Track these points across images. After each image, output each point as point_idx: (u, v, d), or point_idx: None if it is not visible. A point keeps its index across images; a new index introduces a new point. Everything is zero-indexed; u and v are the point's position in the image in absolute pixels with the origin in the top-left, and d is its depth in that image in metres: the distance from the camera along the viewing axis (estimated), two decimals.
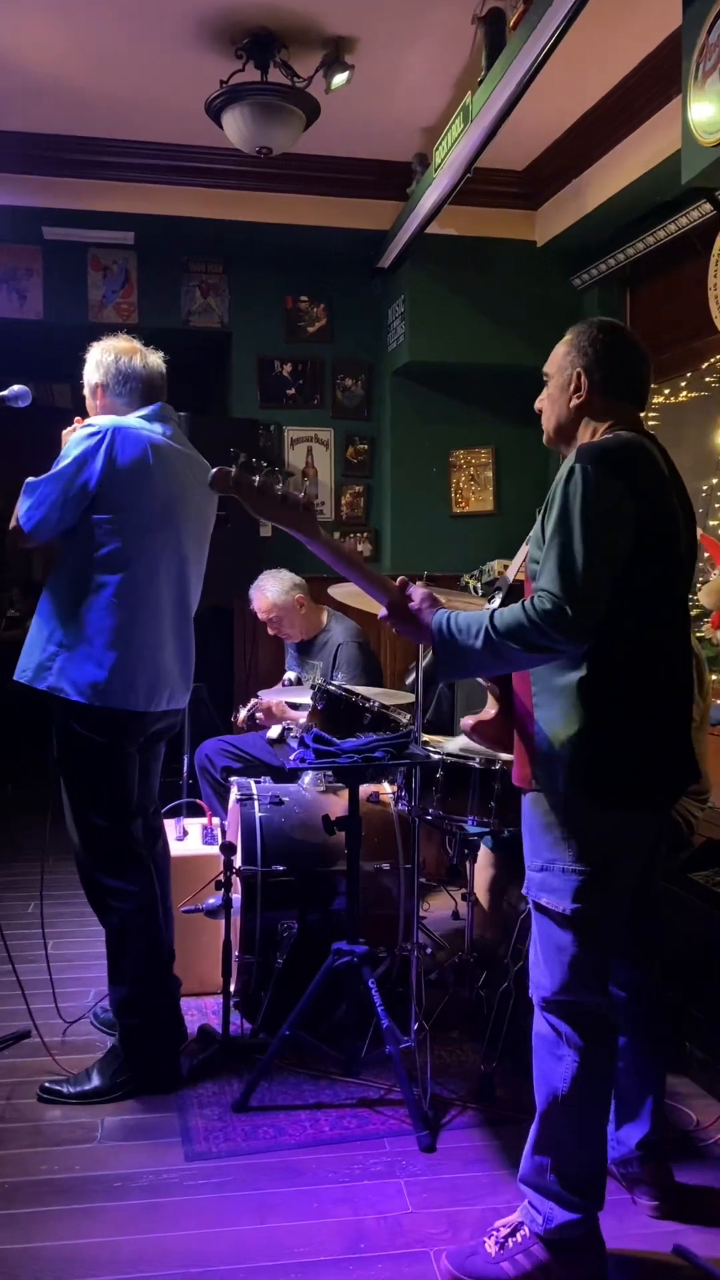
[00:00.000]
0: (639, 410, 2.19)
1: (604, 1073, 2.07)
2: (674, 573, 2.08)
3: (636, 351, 2.19)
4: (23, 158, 4.78)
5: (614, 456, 1.97)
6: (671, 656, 2.09)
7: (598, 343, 2.15)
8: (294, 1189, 2.38)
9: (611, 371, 2.14)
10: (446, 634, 2.00)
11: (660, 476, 2.06)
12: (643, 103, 4.10)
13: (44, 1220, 2.27)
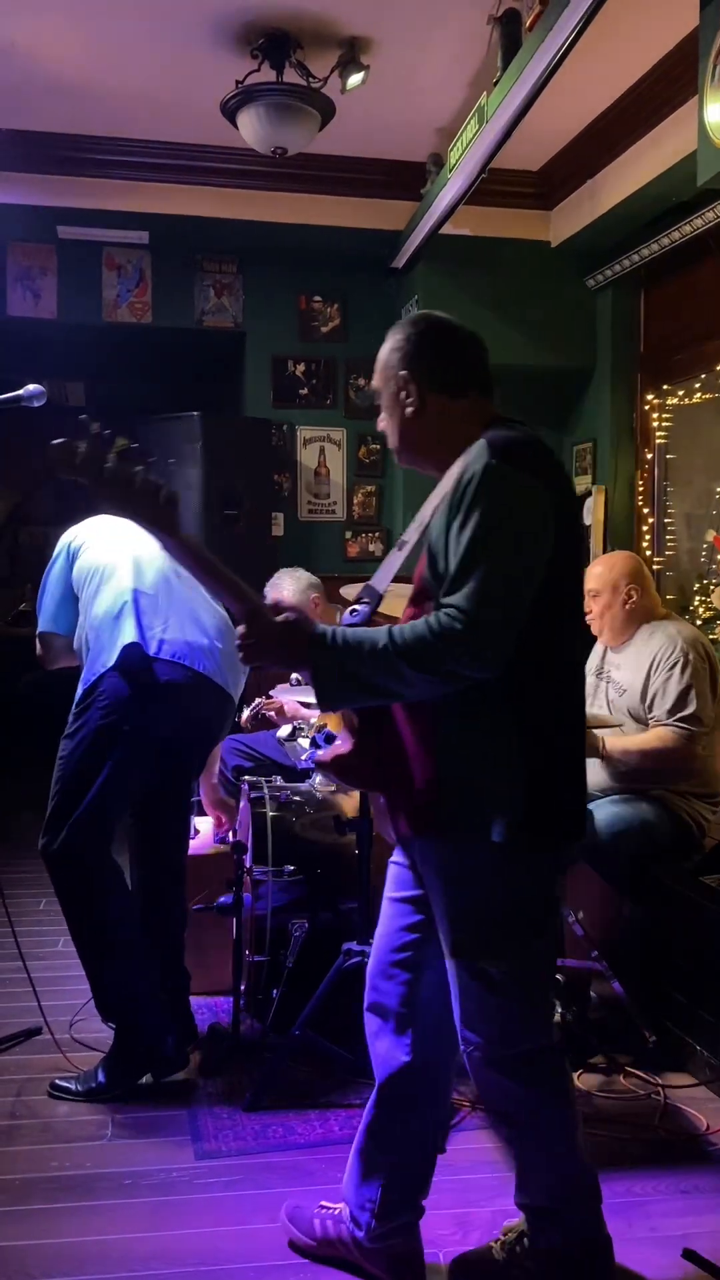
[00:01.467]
0: (489, 399, 1.97)
1: (561, 1100, 1.95)
2: (578, 579, 1.95)
3: (465, 336, 1.97)
4: (38, 157, 4.79)
5: (526, 450, 1.79)
6: (579, 672, 1.96)
7: (419, 342, 1.94)
8: (305, 1188, 2.38)
9: (442, 366, 1.92)
10: (331, 651, 1.71)
11: (565, 472, 1.92)
12: (659, 104, 4.09)
13: (54, 1217, 2.28)
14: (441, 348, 1.93)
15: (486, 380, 1.97)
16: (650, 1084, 2.85)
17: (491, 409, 1.95)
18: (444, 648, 1.66)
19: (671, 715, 3.21)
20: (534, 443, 1.84)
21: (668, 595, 4.85)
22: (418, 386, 1.92)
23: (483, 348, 1.99)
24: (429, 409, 1.92)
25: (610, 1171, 2.45)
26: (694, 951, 2.96)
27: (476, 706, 1.77)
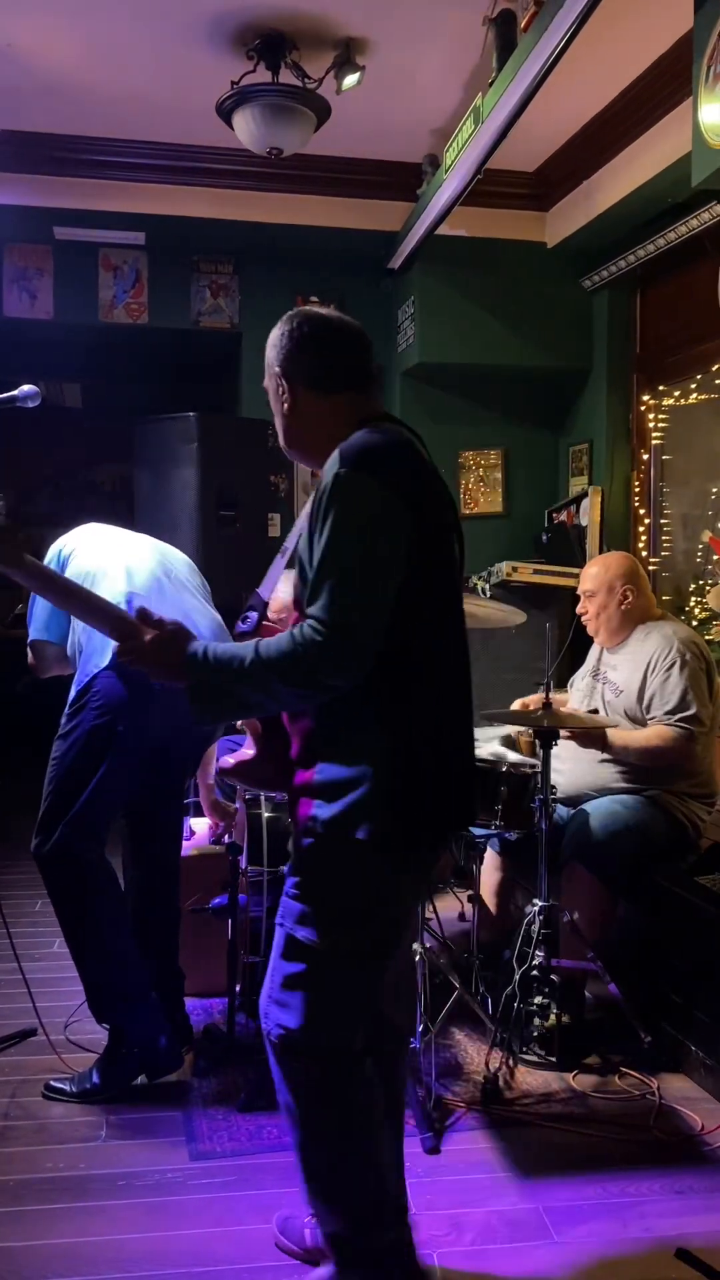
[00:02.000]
0: (372, 394, 1.95)
1: (355, 1112, 1.89)
2: (453, 581, 1.89)
3: (344, 331, 1.94)
4: (34, 158, 4.78)
5: (378, 455, 1.76)
6: (458, 674, 1.90)
7: (294, 337, 1.92)
8: (298, 1189, 2.38)
9: (319, 363, 1.90)
10: (203, 668, 1.75)
11: (430, 472, 1.85)
12: (654, 104, 4.09)
13: (49, 1218, 2.28)
14: (315, 345, 1.90)
15: (364, 378, 1.94)
16: (645, 1084, 2.85)
17: (371, 406, 1.92)
18: (306, 660, 1.68)
19: (671, 715, 3.22)
20: (391, 446, 1.79)
21: (664, 596, 4.85)
22: (289, 384, 1.91)
23: (363, 344, 1.95)
24: (301, 407, 1.91)
25: (605, 1172, 2.46)
26: (689, 952, 2.96)
27: (346, 712, 1.78)
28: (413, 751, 1.79)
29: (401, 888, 1.88)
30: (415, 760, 1.79)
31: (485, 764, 3.11)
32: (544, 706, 3.12)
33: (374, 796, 1.76)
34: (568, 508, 5.42)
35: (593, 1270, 2.12)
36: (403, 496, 1.74)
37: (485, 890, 3.50)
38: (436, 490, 1.86)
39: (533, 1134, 2.62)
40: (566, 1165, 2.49)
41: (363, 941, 1.84)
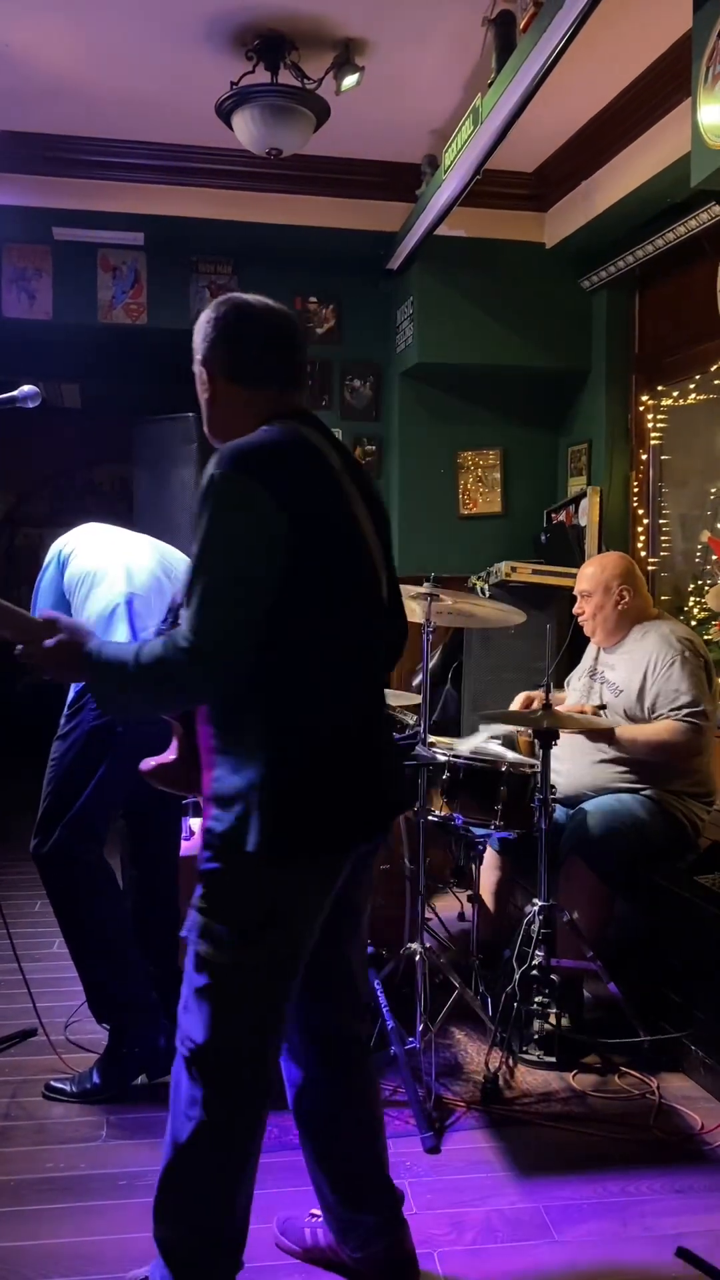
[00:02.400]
0: (295, 388, 1.89)
1: (239, 1136, 1.84)
2: (359, 584, 1.81)
3: (270, 324, 1.86)
4: (33, 158, 4.78)
5: (254, 457, 1.69)
6: (363, 682, 1.83)
7: (217, 326, 1.85)
8: (300, 1189, 2.37)
9: (239, 355, 1.84)
10: (95, 668, 1.75)
11: (324, 470, 1.78)
12: (653, 105, 4.09)
13: (49, 1218, 2.28)
14: (246, 336, 1.84)
15: (292, 375, 1.88)
16: (645, 1084, 2.86)
17: (285, 402, 1.85)
18: (176, 665, 1.66)
19: (679, 710, 3.22)
20: (276, 445, 1.74)
21: (662, 596, 4.86)
22: (209, 373, 1.86)
23: (290, 337, 1.89)
24: (219, 398, 1.87)
25: (604, 1171, 2.47)
26: (689, 951, 2.96)
27: (235, 719, 1.75)
28: (299, 760, 1.74)
29: (301, 900, 1.79)
30: (302, 769, 1.74)
31: (485, 763, 3.11)
32: (544, 706, 3.12)
33: (260, 807, 1.71)
34: (566, 508, 5.42)
35: (593, 1269, 2.12)
36: (279, 498, 1.68)
37: (484, 890, 3.51)
38: (332, 490, 1.78)
39: (533, 1133, 2.63)
40: (566, 1164, 2.50)
41: (261, 957, 1.77)
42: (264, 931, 1.77)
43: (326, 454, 1.80)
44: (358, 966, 2.01)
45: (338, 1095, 2.01)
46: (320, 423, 1.89)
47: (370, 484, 1.95)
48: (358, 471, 1.91)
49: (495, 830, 3.15)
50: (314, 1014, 1.96)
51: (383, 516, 1.97)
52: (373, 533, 1.87)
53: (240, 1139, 1.83)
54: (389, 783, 1.91)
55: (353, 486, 1.84)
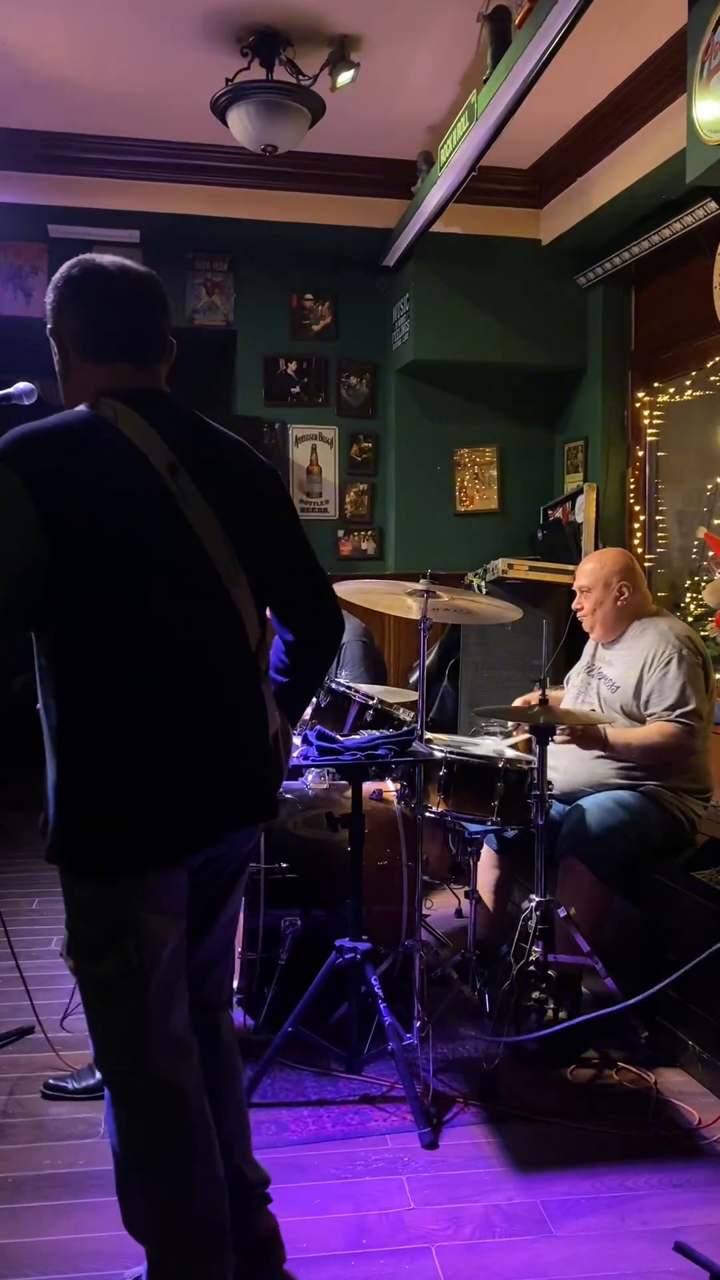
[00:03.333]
0: (141, 364, 1.75)
1: (161, 1135, 1.80)
2: (156, 579, 1.69)
3: (115, 285, 1.73)
4: (28, 155, 4.78)
5: (21, 445, 1.61)
6: (175, 683, 1.71)
7: (61, 292, 1.73)
8: (297, 1185, 2.39)
9: (84, 325, 1.72)
10: None
11: (109, 462, 1.65)
12: (648, 101, 4.10)
13: (47, 1215, 2.28)
14: (90, 305, 1.73)
15: (142, 347, 1.75)
16: (642, 1079, 2.86)
17: (130, 378, 1.74)
18: None
19: (672, 710, 3.22)
20: (51, 431, 1.64)
21: (659, 592, 4.86)
22: (59, 344, 1.77)
23: (142, 305, 1.76)
24: (73, 373, 1.77)
25: (602, 1166, 2.47)
26: (686, 947, 2.96)
27: (46, 715, 1.72)
28: (88, 771, 1.67)
29: (133, 914, 1.71)
30: (91, 780, 1.67)
31: (482, 761, 3.11)
32: (540, 704, 3.12)
33: (57, 816, 1.69)
34: (563, 504, 5.43)
35: (590, 1263, 2.12)
36: (35, 487, 1.58)
37: (482, 887, 3.51)
38: (121, 478, 1.66)
39: (530, 1128, 2.63)
40: (564, 1159, 2.50)
41: (105, 969, 1.73)
42: (102, 947, 1.72)
43: (138, 441, 1.68)
44: (214, 963, 1.99)
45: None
46: (160, 407, 1.75)
47: (237, 469, 1.83)
48: (214, 458, 1.79)
49: (491, 826, 3.15)
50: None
51: (259, 502, 1.86)
52: (209, 520, 1.74)
53: (163, 1134, 1.79)
54: (231, 787, 1.80)
55: (186, 479, 1.71)
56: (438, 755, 3.02)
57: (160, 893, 1.74)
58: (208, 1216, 1.81)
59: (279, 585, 1.94)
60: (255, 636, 1.85)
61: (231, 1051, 2.04)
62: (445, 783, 3.08)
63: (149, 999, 1.74)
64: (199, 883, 1.87)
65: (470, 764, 3.08)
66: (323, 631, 2.03)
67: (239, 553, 1.80)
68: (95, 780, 1.69)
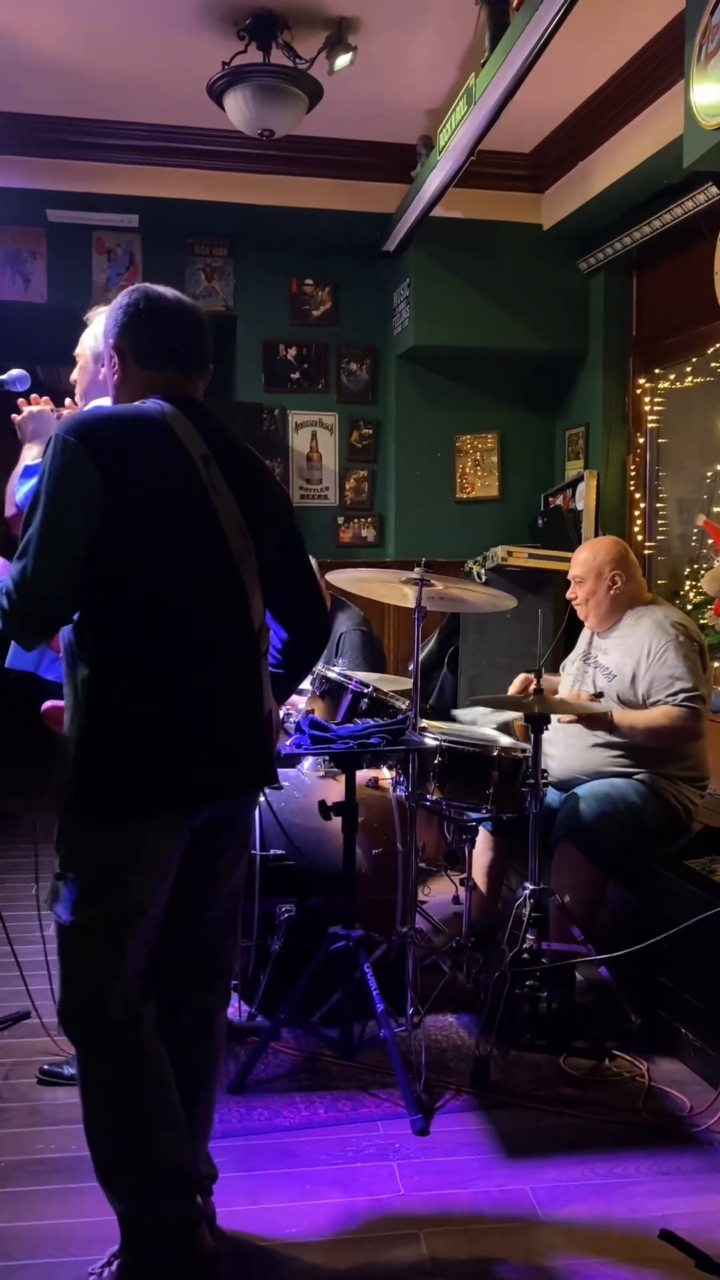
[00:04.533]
0: (187, 375, 1.99)
1: (121, 1074, 1.89)
2: (187, 558, 1.87)
3: (171, 309, 1.99)
4: (26, 139, 4.76)
5: (89, 425, 1.83)
6: (190, 650, 1.87)
7: (126, 311, 1.97)
8: (288, 1170, 2.40)
9: (142, 338, 1.96)
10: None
11: (163, 445, 1.86)
12: (650, 85, 4.06)
13: (41, 1199, 2.29)
14: (150, 321, 1.96)
15: (187, 357, 1.99)
16: (635, 1067, 2.87)
17: (176, 383, 1.96)
18: (3, 616, 1.81)
19: (676, 695, 3.22)
20: (106, 417, 1.87)
21: (659, 580, 4.85)
22: (121, 356, 1.97)
23: (194, 321, 2.01)
24: (127, 379, 1.97)
25: (593, 1153, 2.48)
26: (679, 935, 2.96)
27: (72, 670, 1.87)
28: (112, 722, 1.82)
29: (135, 862, 1.84)
30: (114, 731, 1.82)
31: (477, 747, 3.11)
32: (535, 691, 3.12)
33: (78, 765, 1.83)
34: (563, 491, 5.41)
35: (578, 1250, 2.13)
36: (98, 460, 1.78)
37: (478, 872, 3.51)
38: (167, 463, 1.86)
39: (522, 1115, 2.64)
40: (555, 1146, 2.51)
41: (95, 911, 1.84)
42: (103, 892, 1.84)
43: (180, 434, 1.88)
44: (215, 936, 2.06)
45: (172, 1037, 1.99)
46: (199, 410, 1.96)
47: (254, 473, 2.02)
48: (238, 459, 1.98)
49: (486, 814, 3.15)
50: (158, 979, 1.97)
51: (269, 505, 2.04)
52: (236, 516, 1.93)
53: (123, 1073, 1.88)
54: (232, 751, 1.93)
55: (216, 471, 1.91)
56: (430, 743, 3.02)
57: (159, 844, 1.87)
58: (170, 1156, 1.90)
59: (279, 584, 2.09)
60: (259, 619, 2.00)
61: (218, 1049, 2.12)
62: (440, 771, 3.07)
63: (127, 948, 1.86)
64: (200, 846, 1.97)
65: (464, 752, 3.08)
66: (311, 630, 2.22)
67: (253, 544, 1.98)
68: (116, 732, 1.83)
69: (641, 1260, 2.10)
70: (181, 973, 2.02)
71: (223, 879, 2.04)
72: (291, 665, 2.19)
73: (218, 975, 2.10)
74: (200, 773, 1.89)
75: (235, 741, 1.94)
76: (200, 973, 2.05)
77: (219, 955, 2.09)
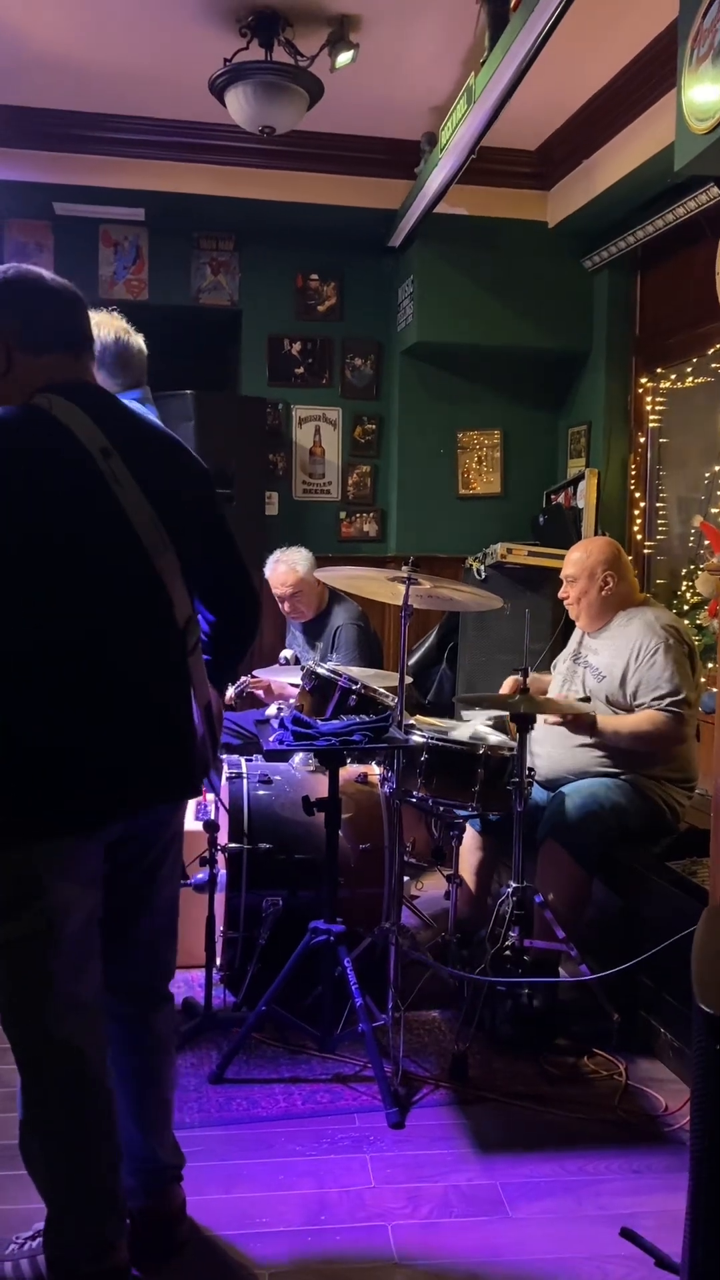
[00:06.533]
0: (76, 356, 1.88)
1: (59, 1097, 1.87)
2: (86, 563, 1.79)
3: (50, 287, 1.87)
4: (32, 133, 4.78)
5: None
6: (101, 654, 1.80)
7: (4, 293, 1.84)
8: (262, 1160, 2.43)
9: (27, 320, 1.84)
10: None
11: (46, 448, 1.77)
12: (653, 84, 4.05)
13: (18, 1183, 2.31)
14: (31, 300, 1.86)
15: (76, 338, 1.89)
16: (614, 1065, 2.89)
17: (72, 370, 1.87)
18: None
19: (661, 699, 3.23)
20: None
21: (658, 580, 4.85)
22: (8, 345, 1.85)
23: (72, 300, 1.90)
24: (17, 369, 1.85)
25: (566, 1150, 2.50)
26: (660, 936, 2.98)
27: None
28: (6, 744, 1.75)
29: (42, 881, 1.80)
30: (12, 752, 1.76)
31: (464, 746, 3.13)
32: (522, 691, 3.14)
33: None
34: (565, 489, 5.41)
35: (542, 1246, 2.16)
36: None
37: (465, 870, 3.53)
38: (57, 468, 1.78)
39: (498, 1111, 2.66)
40: (529, 1143, 2.53)
41: (11, 931, 1.81)
42: (21, 907, 1.80)
43: (73, 427, 1.79)
44: (151, 951, 2.07)
45: (118, 1042, 2.02)
46: (94, 397, 1.87)
47: (165, 456, 1.94)
48: (143, 443, 1.91)
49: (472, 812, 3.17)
50: (109, 972, 1.97)
51: (185, 488, 1.96)
52: (145, 508, 1.84)
53: (61, 1096, 1.86)
54: (142, 764, 1.87)
55: (119, 462, 1.82)
56: (414, 741, 3.04)
57: (72, 861, 1.83)
58: (101, 1181, 1.89)
59: (201, 569, 2.01)
60: (185, 611, 1.92)
61: (162, 1044, 2.12)
62: (426, 768, 3.09)
63: (55, 963, 1.82)
64: (124, 859, 1.95)
65: (450, 750, 3.10)
66: (239, 615, 2.14)
67: (168, 533, 1.88)
68: (10, 751, 1.77)
69: (605, 1259, 2.12)
70: (120, 988, 2.01)
71: (154, 889, 2.02)
72: (220, 651, 2.12)
73: (161, 981, 2.11)
74: (107, 790, 1.83)
75: (152, 753, 1.88)
76: (139, 989, 2.05)
77: (155, 969, 2.09)
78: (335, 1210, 2.26)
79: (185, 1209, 2.16)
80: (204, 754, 2.00)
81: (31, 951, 1.82)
